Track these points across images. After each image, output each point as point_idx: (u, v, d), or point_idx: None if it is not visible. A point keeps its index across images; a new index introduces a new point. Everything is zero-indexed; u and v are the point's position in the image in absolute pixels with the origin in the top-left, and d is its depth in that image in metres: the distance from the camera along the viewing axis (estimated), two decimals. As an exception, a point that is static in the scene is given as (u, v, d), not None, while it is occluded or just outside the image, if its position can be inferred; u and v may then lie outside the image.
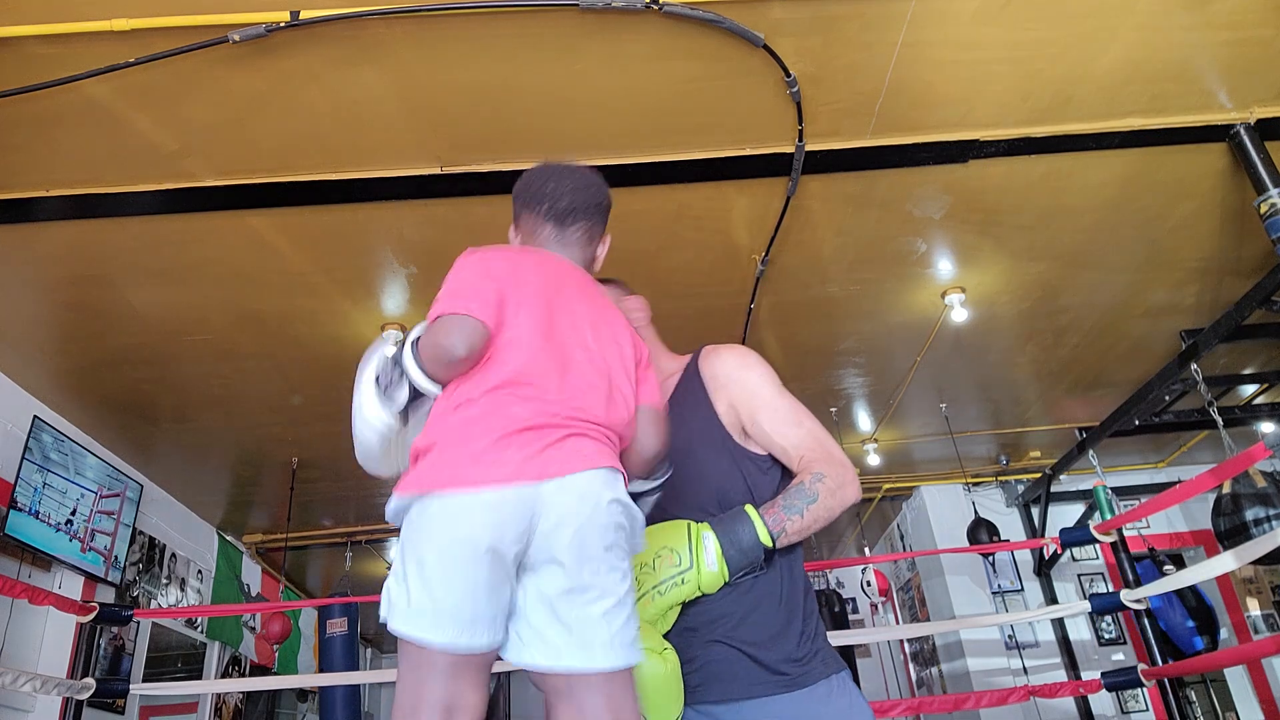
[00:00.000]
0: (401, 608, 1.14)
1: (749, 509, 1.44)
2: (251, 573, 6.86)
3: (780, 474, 1.56)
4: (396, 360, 1.32)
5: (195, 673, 6.00)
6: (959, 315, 4.29)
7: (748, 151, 3.20)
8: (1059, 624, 6.23)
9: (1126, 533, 3.60)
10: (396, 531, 1.29)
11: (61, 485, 4.34)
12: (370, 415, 1.32)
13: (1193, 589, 4.95)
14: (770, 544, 1.41)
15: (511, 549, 1.16)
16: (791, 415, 1.55)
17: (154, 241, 3.35)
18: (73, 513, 4.42)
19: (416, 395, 1.31)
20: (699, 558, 1.40)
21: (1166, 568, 4.74)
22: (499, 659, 1.22)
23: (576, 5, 2.51)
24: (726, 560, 1.39)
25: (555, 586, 1.18)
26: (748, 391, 1.56)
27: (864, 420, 5.72)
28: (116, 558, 4.74)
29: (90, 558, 4.49)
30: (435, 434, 1.24)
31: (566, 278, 1.46)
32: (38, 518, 4.13)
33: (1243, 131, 3.28)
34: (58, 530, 4.28)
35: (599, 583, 1.19)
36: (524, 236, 1.57)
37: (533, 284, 1.38)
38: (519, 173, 3.51)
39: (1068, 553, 6.44)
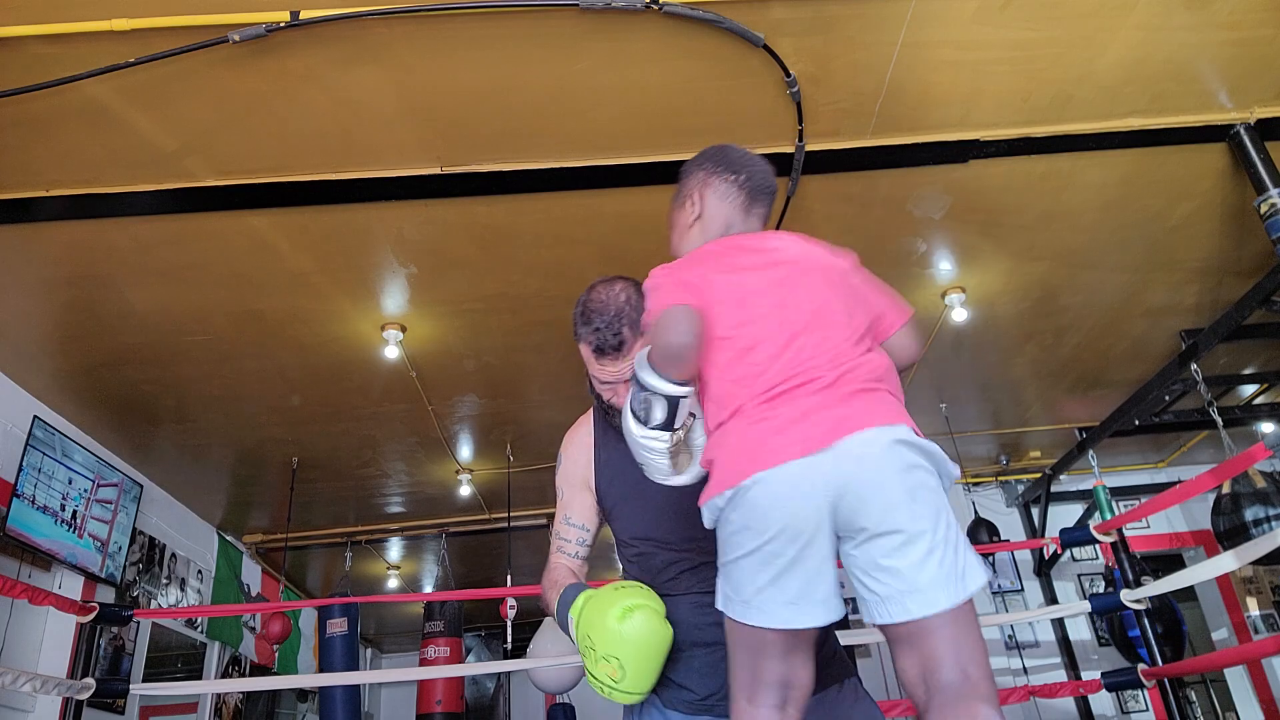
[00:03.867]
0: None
1: None
2: (251, 573, 6.86)
3: None
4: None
5: (195, 673, 6.00)
6: (959, 315, 4.29)
7: (748, 151, 3.19)
8: (1059, 624, 6.23)
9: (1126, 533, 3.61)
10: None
11: (62, 485, 4.34)
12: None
13: (1165, 599, 4.93)
14: None
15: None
16: None
17: (154, 241, 3.35)
18: (73, 511, 4.42)
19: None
20: None
21: (1145, 578, 4.72)
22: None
23: (576, 5, 2.52)
24: None
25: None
26: None
27: (864, 420, 5.71)
28: (112, 552, 4.74)
29: (85, 543, 4.49)
30: None
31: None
32: (38, 512, 4.13)
33: (1243, 131, 3.28)
34: (56, 521, 4.28)
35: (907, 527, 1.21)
36: (712, 202, 1.58)
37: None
38: (519, 173, 3.51)
39: (1068, 553, 6.44)
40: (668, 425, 1.30)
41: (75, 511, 4.44)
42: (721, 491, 1.25)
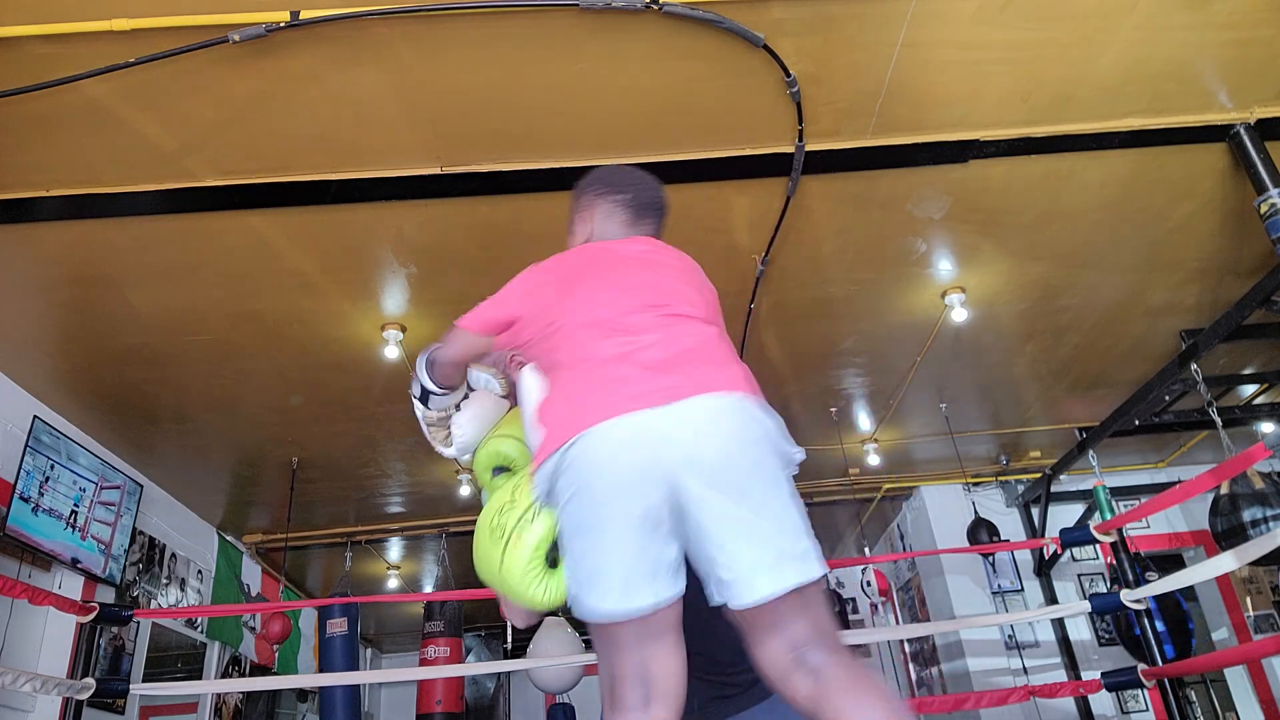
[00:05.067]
0: None
1: None
2: (251, 573, 6.86)
3: None
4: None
5: (195, 673, 6.00)
6: (959, 315, 4.29)
7: (748, 151, 3.19)
8: (1059, 624, 6.22)
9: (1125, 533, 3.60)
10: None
11: (62, 485, 4.34)
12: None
13: (1172, 595, 4.91)
14: None
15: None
16: None
17: (154, 241, 3.35)
18: (73, 510, 4.42)
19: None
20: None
21: (1149, 574, 4.72)
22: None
23: (576, 5, 2.52)
24: None
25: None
26: None
27: (864, 420, 5.72)
28: (114, 553, 4.74)
29: (87, 545, 4.49)
30: None
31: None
32: (39, 514, 4.13)
33: (1243, 131, 3.28)
34: (58, 521, 4.28)
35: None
36: (596, 220, 1.72)
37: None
38: (519, 173, 3.52)
39: (1068, 553, 6.44)
40: (422, 401, 1.66)
41: (77, 512, 4.44)
42: None
